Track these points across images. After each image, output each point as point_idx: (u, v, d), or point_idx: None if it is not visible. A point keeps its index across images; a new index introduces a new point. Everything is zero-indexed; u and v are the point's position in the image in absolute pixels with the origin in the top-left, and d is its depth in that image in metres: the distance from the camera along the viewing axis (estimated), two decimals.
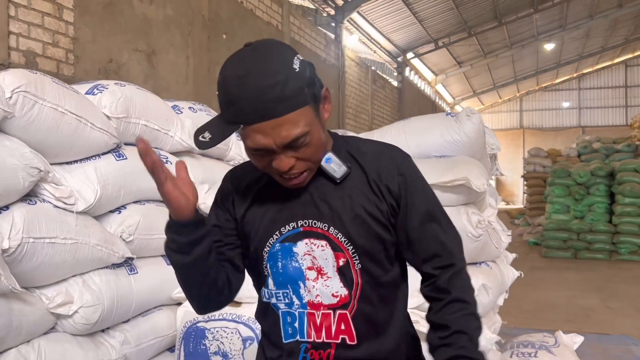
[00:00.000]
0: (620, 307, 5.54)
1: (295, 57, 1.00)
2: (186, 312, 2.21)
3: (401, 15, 13.31)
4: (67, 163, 1.96)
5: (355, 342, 1.11)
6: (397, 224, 1.13)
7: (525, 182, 14.05)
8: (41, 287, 1.79)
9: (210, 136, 1.00)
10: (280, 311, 1.13)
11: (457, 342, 1.07)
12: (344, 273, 1.10)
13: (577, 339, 2.73)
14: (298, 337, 1.12)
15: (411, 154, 2.26)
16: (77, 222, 1.85)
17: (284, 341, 1.13)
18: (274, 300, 1.14)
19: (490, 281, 2.03)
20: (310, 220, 1.10)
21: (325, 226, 1.09)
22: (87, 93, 2.10)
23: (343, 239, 1.09)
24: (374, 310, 1.12)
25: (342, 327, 1.10)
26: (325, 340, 1.11)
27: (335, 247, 1.09)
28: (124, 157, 2.10)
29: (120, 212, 2.11)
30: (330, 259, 1.10)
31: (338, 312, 1.10)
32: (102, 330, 1.98)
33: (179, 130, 2.42)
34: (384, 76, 14.76)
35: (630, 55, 24.26)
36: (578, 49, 21.31)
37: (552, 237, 9.33)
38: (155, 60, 5.70)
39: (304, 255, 1.10)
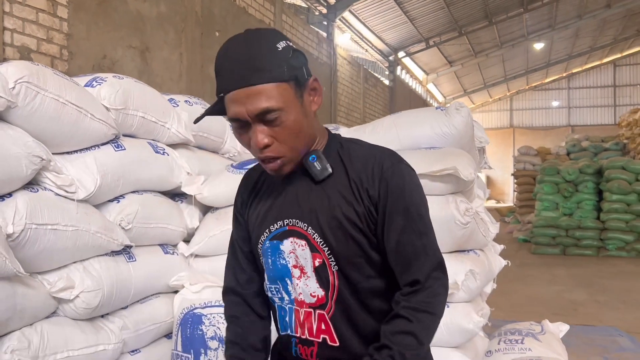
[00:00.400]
0: (607, 300, 5.65)
1: (282, 41, 1.05)
2: (183, 299, 2.27)
3: (392, 14, 13.40)
4: (68, 153, 2.01)
5: (338, 343, 1.11)
6: (377, 231, 1.10)
7: (515, 180, 14.19)
8: (43, 272, 1.83)
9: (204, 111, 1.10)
10: (276, 304, 1.18)
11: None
12: (319, 274, 1.11)
13: (563, 327, 2.80)
14: (289, 331, 1.16)
15: (402, 146, 2.33)
16: (78, 209, 1.90)
17: (281, 333, 1.18)
18: (270, 294, 1.19)
19: (478, 267, 2.10)
20: (293, 220, 1.12)
21: (305, 226, 1.11)
22: (86, 85, 2.15)
23: (319, 240, 1.09)
24: (354, 315, 1.12)
25: (323, 327, 1.12)
26: (308, 338, 1.13)
27: (312, 248, 1.10)
28: (123, 148, 2.15)
29: (119, 201, 2.16)
30: (309, 259, 1.11)
31: (317, 311, 1.12)
32: (102, 316, 2.03)
33: (175, 123, 2.48)
34: (376, 75, 14.85)
35: (618, 55, 24.53)
36: (567, 48, 21.53)
37: (541, 234, 9.46)
38: (149, 57, 5.73)
39: (290, 253, 1.13)
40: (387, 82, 15.82)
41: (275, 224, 1.15)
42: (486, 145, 2.83)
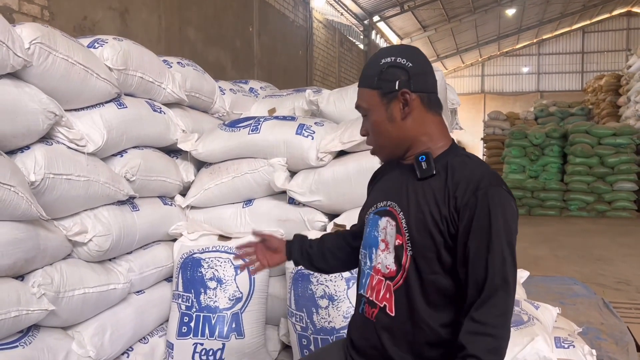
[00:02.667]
0: (566, 255, 6.06)
1: (390, 58, 1.30)
2: (182, 245, 2.48)
3: None
4: (75, 110, 2.16)
5: (394, 314, 1.28)
6: (458, 240, 1.21)
7: (484, 145, 14.59)
8: (59, 219, 2.02)
9: None
10: (361, 267, 1.40)
11: None
12: (397, 252, 1.28)
13: (524, 274, 3.11)
14: (362, 291, 1.38)
15: None
16: (88, 162, 2.08)
17: (358, 290, 1.41)
18: (360, 257, 1.41)
19: None
20: (393, 203, 1.32)
21: (399, 210, 1.30)
22: (88, 46, 2.28)
23: (404, 225, 1.27)
24: (413, 298, 1.26)
25: (387, 295, 1.29)
26: (374, 300, 1.32)
27: (398, 229, 1.28)
28: (125, 106, 2.31)
29: (122, 155, 2.33)
30: (393, 238, 1.29)
31: (387, 281, 1.30)
32: (110, 260, 2.23)
33: (170, 83, 2.64)
34: (351, 39, 14.89)
35: (587, 22, 24.94)
36: (538, 14, 21.78)
37: None
38: (129, 19, 5.75)
39: (382, 229, 1.32)
40: (362, 46, 15.88)
41: (381, 202, 1.36)
42: (457, 106, 3.07)
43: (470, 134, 20.80)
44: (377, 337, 1.31)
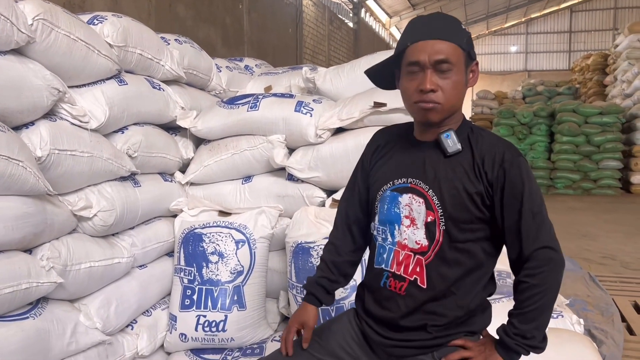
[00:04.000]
0: None
1: (464, 27, 1.34)
2: (183, 221, 2.53)
3: None
4: (77, 87, 2.18)
5: (425, 286, 1.33)
6: (495, 211, 1.30)
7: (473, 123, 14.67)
8: (64, 194, 2.05)
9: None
10: (377, 242, 1.43)
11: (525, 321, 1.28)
12: (429, 228, 1.33)
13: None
14: (383, 266, 1.41)
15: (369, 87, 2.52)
16: (91, 138, 2.10)
17: (375, 265, 1.44)
18: (375, 233, 1.44)
19: None
20: (417, 180, 1.35)
21: (426, 187, 1.33)
22: (87, 23, 2.28)
23: (436, 202, 1.32)
24: (446, 268, 1.33)
25: (417, 269, 1.34)
26: (402, 274, 1.36)
27: (429, 206, 1.32)
28: (125, 83, 2.33)
29: (123, 132, 2.35)
30: (423, 214, 1.33)
31: (417, 256, 1.34)
32: (113, 235, 2.27)
33: (169, 60, 2.65)
34: (341, 17, 14.80)
35: (575, 1, 24.98)
36: None
37: None
38: None
39: (405, 205, 1.36)
40: (351, 24, 15.79)
41: (399, 179, 1.38)
42: None
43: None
44: (404, 308, 1.36)
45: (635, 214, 7.63)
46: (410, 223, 1.35)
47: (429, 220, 1.33)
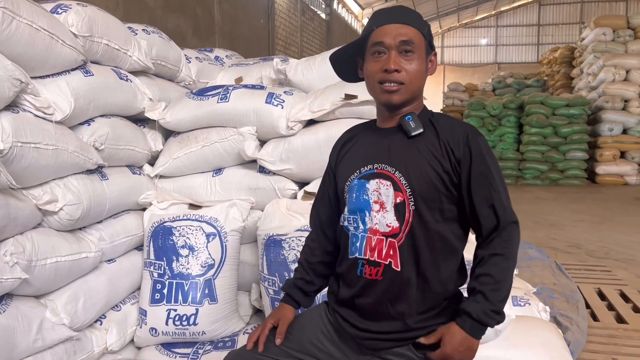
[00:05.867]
0: (521, 221, 6.13)
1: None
2: (152, 214, 2.49)
3: None
4: (41, 77, 2.12)
5: (400, 269, 1.35)
6: (461, 186, 1.34)
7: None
8: (28, 188, 2.00)
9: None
10: (350, 232, 1.43)
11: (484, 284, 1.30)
12: (399, 210, 1.34)
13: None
14: (357, 255, 1.40)
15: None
16: (56, 130, 2.05)
17: (349, 256, 1.43)
18: (346, 224, 1.44)
19: None
20: (382, 164, 1.37)
21: (392, 170, 1.36)
22: (51, 12, 2.22)
23: (404, 182, 1.34)
24: (418, 248, 1.34)
25: (391, 252, 1.35)
26: (377, 260, 1.36)
27: (396, 187, 1.34)
28: (91, 74, 2.28)
29: (89, 124, 2.30)
30: (391, 197, 1.35)
31: (389, 239, 1.35)
32: (81, 229, 2.23)
33: (136, 50, 2.60)
34: (313, 8, 14.75)
35: None
36: None
37: None
38: None
39: (373, 191, 1.37)
40: (323, 15, 15.76)
41: (365, 167, 1.40)
42: None
43: (430, 105, 21.03)
44: (381, 293, 1.37)
45: (601, 204, 7.83)
46: (380, 207, 1.36)
47: (398, 201, 1.35)
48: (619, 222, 6.41)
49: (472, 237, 3.43)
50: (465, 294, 1.38)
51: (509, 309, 2.08)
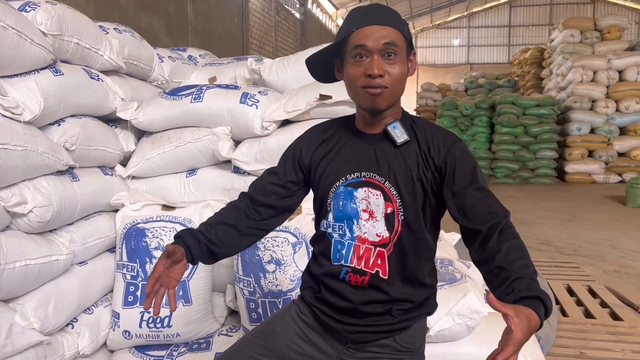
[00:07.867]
0: None
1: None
2: (124, 216, 2.46)
3: None
4: (9, 77, 2.07)
5: (387, 277, 1.36)
6: (444, 194, 1.30)
7: (417, 115, 14.99)
8: None
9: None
10: (333, 239, 1.41)
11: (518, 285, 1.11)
12: (389, 219, 1.34)
13: (455, 237, 3.30)
14: (342, 262, 1.39)
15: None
16: (25, 131, 2.00)
17: (332, 263, 1.41)
18: (330, 230, 1.41)
19: None
20: (371, 173, 1.36)
21: (382, 179, 1.35)
22: (19, 9, 2.17)
23: (394, 192, 1.34)
24: (406, 256, 1.36)
25: (379, 261, 1.36)
26: (363, 268, 1.36)
27: (387, 198, 1.34)
28: (61, 73, 2.23)
29: (60, 124, 2.26)
30: (381, 207, 1.34)
31: (378, 249, 1.36)
32: (51, 231, 2.19)
33: (107, 50, 2.56)
34: (287, 7, 14.73)
35: None
36: None
37: None
38: None
39: (362, 199, 1.36)
40: (298, 15, 15.75)
41: (352, 174, 1.37)
42: None
43: (403, 105, 21.26)
44: (366, 297, 1.37)
45: (570, 202, 8.02)
46: (369, 216, 1.36)
47: (388, 211, 1.35)
48: (587, 220, 6.58)
49: (446, 235, 3.44)
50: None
51: (481, 305, 2.12)
